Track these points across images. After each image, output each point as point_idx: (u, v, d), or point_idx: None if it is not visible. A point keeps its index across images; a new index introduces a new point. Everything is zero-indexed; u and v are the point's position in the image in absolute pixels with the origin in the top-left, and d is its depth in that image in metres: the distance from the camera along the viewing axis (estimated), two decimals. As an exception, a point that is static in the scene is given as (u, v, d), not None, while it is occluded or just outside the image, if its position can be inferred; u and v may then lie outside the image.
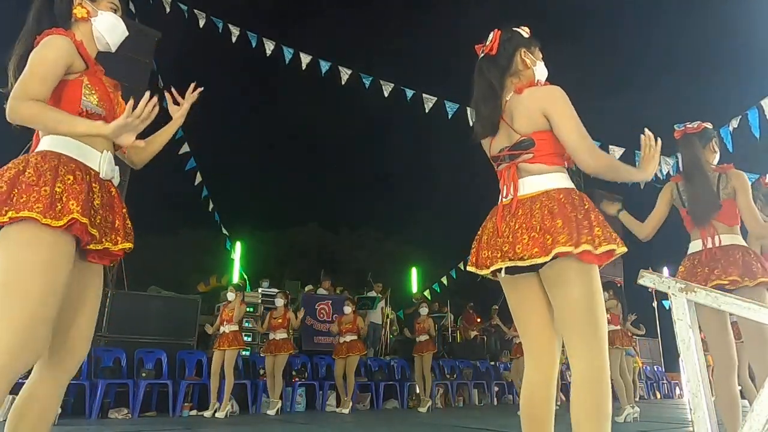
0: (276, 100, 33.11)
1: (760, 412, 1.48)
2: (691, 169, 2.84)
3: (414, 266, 15.40)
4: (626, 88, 25.82)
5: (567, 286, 1.67)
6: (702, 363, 1.68)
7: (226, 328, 6.41)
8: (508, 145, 1.82)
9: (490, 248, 1.77)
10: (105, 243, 1.59)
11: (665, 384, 12.63)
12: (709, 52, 28.27)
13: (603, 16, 35.46)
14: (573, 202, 1.68)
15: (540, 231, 1.65)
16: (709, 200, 2.73)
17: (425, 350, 7.63)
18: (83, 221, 1.48)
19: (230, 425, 5.45)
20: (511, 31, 1.92)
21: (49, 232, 1.45)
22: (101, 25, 1.76)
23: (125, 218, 1.69)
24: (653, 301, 12.86)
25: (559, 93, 1.77)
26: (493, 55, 1.89)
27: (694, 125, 2.93)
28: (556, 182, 1.74)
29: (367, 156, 34.96)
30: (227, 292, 6.91)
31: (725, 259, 2.68)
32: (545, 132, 1.77)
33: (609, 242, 1.62)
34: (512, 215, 1.73)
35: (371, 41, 34.11)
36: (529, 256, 1.65)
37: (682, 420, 6.09)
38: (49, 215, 1.44)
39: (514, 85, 1.87)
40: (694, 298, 1.70)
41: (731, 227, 2.76)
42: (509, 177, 1.79)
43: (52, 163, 1.52)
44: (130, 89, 2.20)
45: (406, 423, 5.99)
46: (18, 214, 1.42)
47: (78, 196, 1.50)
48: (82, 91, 1.62)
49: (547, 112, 1.74)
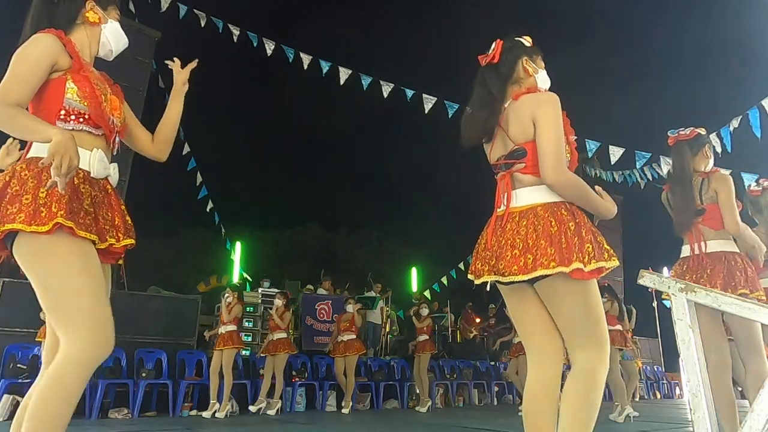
0: (276, 100, 33.10)
1: (760, 412, 1.48)
2: (675, 177, 2.91)
3: (414, 266, 15.41)
4: (626, 89, 25.82)
5: (562, 304, 1.68)
6: (702, 363, 1.68)
7: (224, 328, 6.42)
8: (504, 153, 1.82)
9: (480, 260, 1.79)
10: (109, 240, 1.60)
11: (665, 384, 12.63)
12: (710, 53, 28.26)
13: (603, 16, 35.48)
14: (561, 218, 1.66)
15: (522, 249, 1.66)
16: (688, 208, 2.79)
17: (423, 351, 7.65)
18: (68, 224, 1.47)
19: (230, 425, 5.45)
20: (512, 40, 1.93)
21: (54, 237, 1.46)
22: (110, 33, 1.80)
23: (124, 215, 1.69)
24: (653, 301, 12.86)
25: (548, 98, 1.75)
26: (495, 64, 1.89)
27: (687, 132, 2.96)
28: (546, 196, 1.72)
29: (367, 156, 34.97)
30: (225, 294, 6.89)
31: (711, 268, 2.72)
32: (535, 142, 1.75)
33: (599, 259, 1.61)
34: (502, 228, 1.74)
35: (371, 41, 34.13)
36: (509, 273, 1.66)
37: (682, 420, 6.09)
38: (35, 222, 1.44)
39: (514, 93, 1.87)
40: (694, 298, 1.70)
41: (718, 231, 2.78)
42: (504, 187, 1.80)
43: (36, 170, 1.51)
44: (130, 89, 2.20)
45: (406, 423, 5.99)
46: (3, 227, 1.44)
47: (60, 199, 1.48)
48: (65, 88, 1.60)
49: (534, 116, 1.73)
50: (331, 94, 17.84)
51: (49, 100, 1.60)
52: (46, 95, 1.60)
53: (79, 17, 1.74)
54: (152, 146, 1.95)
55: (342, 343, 7.20)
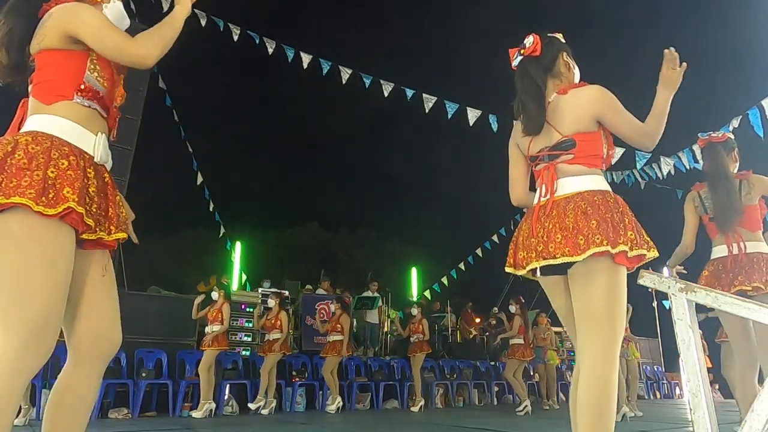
0: (277, 99, 33.10)
1: (760, 412, 1.48)
2: (716, 177, 2.91)
3: (414, 266, 15.39)
4: (626, 89, 25.77)
5: (594, 285, 1.69)
6: (702, 363, 1.68)
7: (210, 327, 6.42)
8: (548, 145, 1.85)
9: (526, 249, 1.81)
10: (99, 233, 1.50)
11: (665, 384, 12.63)
12: (710, 52, 28.26)
13: (603, 15, 35.47)
14: (608, 204, 1.72)
15: (573, 231, 1.69)
16: (734, 207, 2.80)
17: (417, 351, 7.66)
18: (80, 210, 1.39)
19: (230, 425, 5.45)
20: (548, 35, 1.98)
21: (48, 224, 1.36)
22: (112, 13, 1.72)
23: (118, 206, 1.60)
24: (653, 301, 12.86)
25: (608, 94, 1.81)
26: (537, 56, 1.93)
27: (719, 134, 3.02)
28: (593, 184, 1.78)
29: (368, 156, 34.97)
30: (212, 293, 6.85)
31: (749, 266, 2.76)
32: (587, 134, 1.80)
33: (641, 247, 1.67)
34: (546, 216, 1.78)
35: (371, 41, 34.09)
36: (561, 254, 1.69)
37: (682, 420, 6.09)
38: (42, 202, 1.33)
39: (555, 87, 1.91)
40: (693, 298, 1.70)
41: (754, 233, 2.84)
42: (548, 177, 1.82)
43: (45, 145, 1.41)
44: (130, 89, 2.19)
45: (406, 423, 5.99)
46: (8, 199, 1.31)
47: (73, 183, 1.40)
48: (87, 64, 1.55)
49: (599, 114, 1.79)
50: (332, 93, 17.84)
51: (68, 71, 1.53)
52: (66, 65, 1.53)
53: None
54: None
55: (328, 344, 7.25)
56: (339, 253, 25.59)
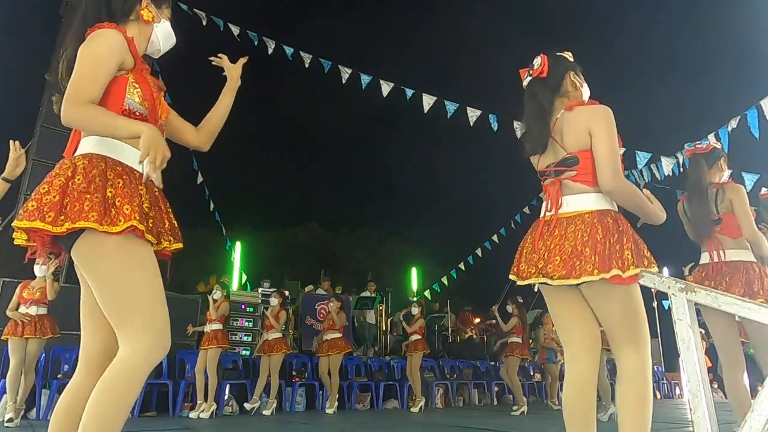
0: (276, 99, 33.09)
1: (760, 412, 1.48)
2: (693, 189, 3.02)
3: (414, 266, 15.38)
4: (626, 89, 25.82)
5: (605, 306, 1.80)
6: (702, 363, 1.68)
7: (210, 327, 6.41)
8: (555, 161, 1.91)
9: (527, 262, 1.88)
10: (163, 243, 1.60)
11: (665, 384, 12.62)
12: (709, 53, 28.25)
13: (603, 15, 35.48)
14: (607, 225, 1.76)
15: (570, 254, 1.76)
16: (706, 219, 2.90)
17: (414, 350, 7.63)
18: (141, 228, 1.46)
19: (230, 425, 5.45)
20: (556, 55, 2.03)
21: (126, 238, 1.46)
22: (161, 32, 1.77)
23: (172, 218, 1.68)
24: (653, 301, 12.85)
25: (605, 111, 1.85)
26: (544, 78, 1.98)
27: (704, 146, 3.07)
28: (593, 204, 1.82)
29: (367, 156, 34.98)
30: (213, 291, 6.83)
31: (730, 276, 2.81)
32: (589, 151, 1.84)
33: (638, 265, 1.72)
34: (549, 233, 1.84)
35: (371, 40, 34.12)
36: (558, 276, 1.76)
37: (682, 420, 6.09)
38: (106, 222, 1.42)
39: (563, 105, 1.95)
40: (694, 298, 1.70)
41: (736, 240, 2.87)
42: (554, 193, 1.88)
43: (100, 167, 1.48)
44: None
45: (406, 423, 5.99)
46: (74, 224, 1.39)
47: (132, 200, 1.47)
48: (126, 89, 1.57)
49: (590, 128, 1.82)
50: (332, 93, 17.84)
51: (111, 96, 1.55)
52: (109, 89, 1.55)
53: (133, 13, 1.69)
54: (196, 137, 1.93)
55: (325, 342, 7.17)
56: (339, 253, 25.59)
